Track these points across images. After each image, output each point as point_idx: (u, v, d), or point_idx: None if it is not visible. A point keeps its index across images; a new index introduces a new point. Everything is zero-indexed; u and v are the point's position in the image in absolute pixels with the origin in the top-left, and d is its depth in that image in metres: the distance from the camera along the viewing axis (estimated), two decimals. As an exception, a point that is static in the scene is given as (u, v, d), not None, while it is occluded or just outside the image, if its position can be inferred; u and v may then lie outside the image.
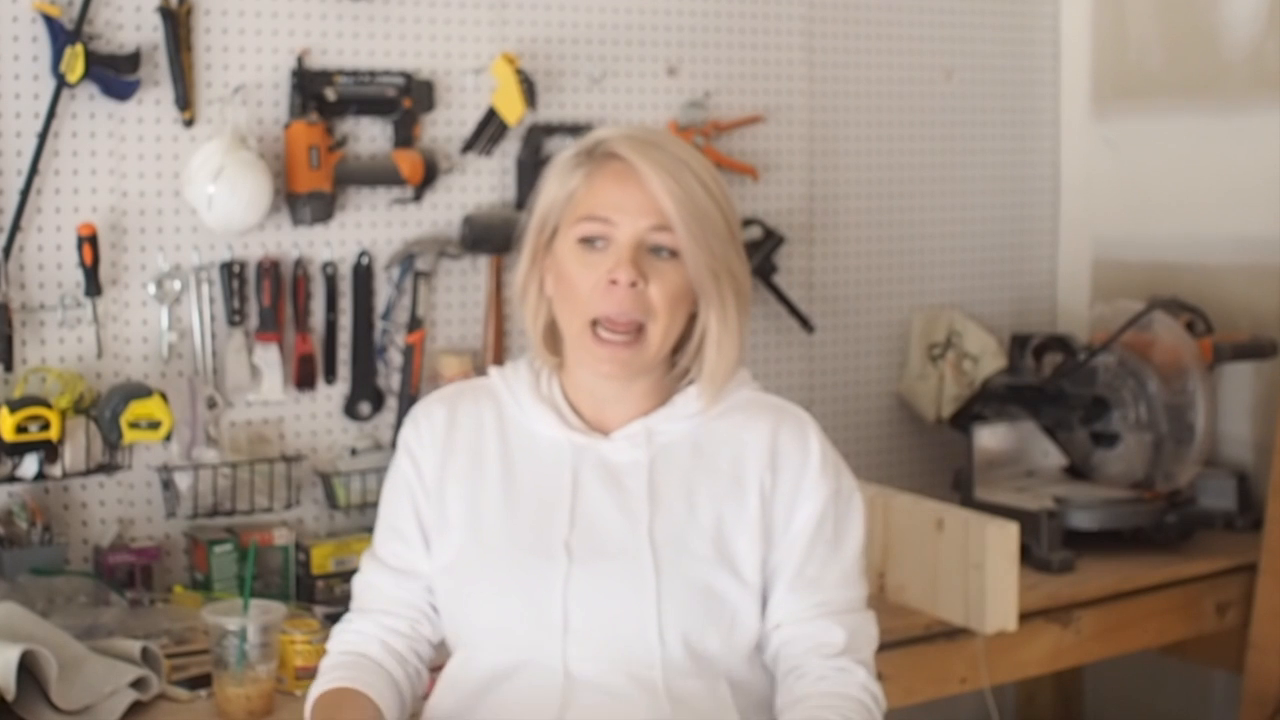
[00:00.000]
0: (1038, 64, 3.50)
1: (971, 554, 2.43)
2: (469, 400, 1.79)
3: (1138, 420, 2.98)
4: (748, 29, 3.09)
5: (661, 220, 1.65)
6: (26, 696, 1.96)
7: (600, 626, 1.65)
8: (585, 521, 1.68)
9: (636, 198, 1.65)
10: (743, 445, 1.71)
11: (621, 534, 1.67)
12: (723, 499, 1.70)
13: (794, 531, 1.70)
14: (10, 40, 2.38)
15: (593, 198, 1.67)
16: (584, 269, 1.66)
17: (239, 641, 2.01)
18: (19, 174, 2.39)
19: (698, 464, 1.71)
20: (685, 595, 1.66)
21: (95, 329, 2.45)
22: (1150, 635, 2.84)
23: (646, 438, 1.70)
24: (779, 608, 1.70)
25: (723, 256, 1.67)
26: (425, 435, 1.77)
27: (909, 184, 3.34)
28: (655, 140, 1.69)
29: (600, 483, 1.70)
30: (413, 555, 1.77)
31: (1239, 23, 3.16)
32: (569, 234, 1.69)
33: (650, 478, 1.69)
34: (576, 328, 1.67)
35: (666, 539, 1.67)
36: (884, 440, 3.31)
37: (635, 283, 1.63)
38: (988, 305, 3.45)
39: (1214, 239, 3.20)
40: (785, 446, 1.71)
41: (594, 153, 1.70)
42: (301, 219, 2.60)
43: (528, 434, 1.74)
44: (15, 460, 2.32)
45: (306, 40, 2.63)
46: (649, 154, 1.66)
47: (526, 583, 1.67)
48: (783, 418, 1.74)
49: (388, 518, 1.80)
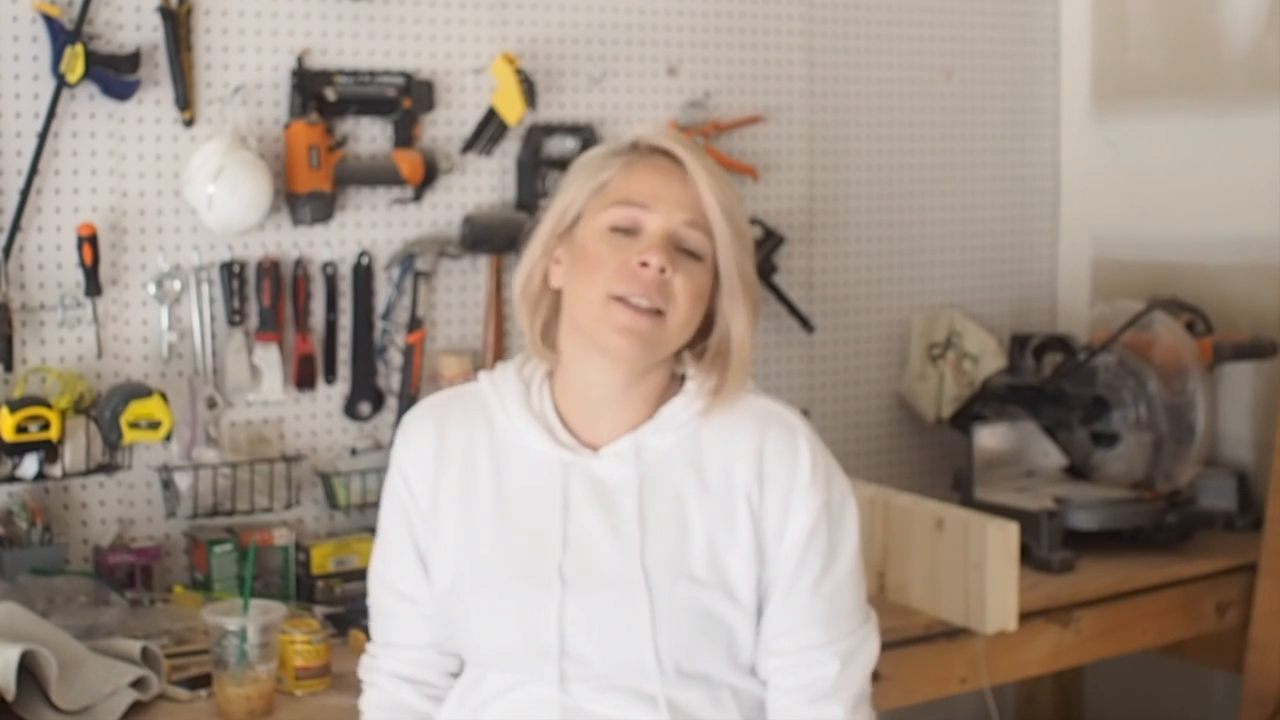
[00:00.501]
0: (1038, 64, 3.50)
1: (971, 554, 2.43)
2: (458, 412, 1.75)
3: (1138, 420, 2.98)
4: (748, 29, 3.09)
5: (698, 217, 1.64)
6: (26, 696, 1.96)
7: (597, 652, 1.64)
8: (577, 545, 1.66)
9: (678, 191, 1.65)
10: (730, 457, 1.68)
11: (614, 559, 1.65)
12: (714, 518, 1.67)
13: (786, 547, 1.67)
14: (10, 40, 2.38)
15: (629, 185, 1.66)
16: (612, 249, 1.63)
17: (239, 641, 2.01)
18: (19, 174, 2.39)
19: (687, 479, 1.68)
20: (681, 620, 1.64)
21: (95, 329, 2.45)
22: (1150, 635, 2.84)
23: (635, 454, 1.68)
24: (772, 624, 1.68)
25: (748, 264, 1.68)
26: (415, 453, 1.74)
27: (909, 184, 3.34)
28: (689, 145, 1.69)
29: (591, 503, 1.67)
30: (414, 578, 1.76)
31: (1239, 23, 3.16)
32: (597, 219, 1.66)
33: (640, 497, 1.67)
34: (593, 300, 1.63)
35: (658, 563, 1.64)
36: (884, 440, 3.31)
37: (664, 269, 1.62)
38: (988, 305, 3.45)
39: (1214, 239, 3.20)
40: (772, 458, 1.68)
41: (637, 146, 1.69)
42: (301, 219, 2.60)
43: (518, 448, 1.71)
44: (15, 460, 2.32)
45: (306, 40, 2.63)
46: (697, 154, 1.67)
47: (520, 609, 1.66)
48: (769, 425, 1.70)
49: (387, 535, 1.78)
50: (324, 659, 2.16)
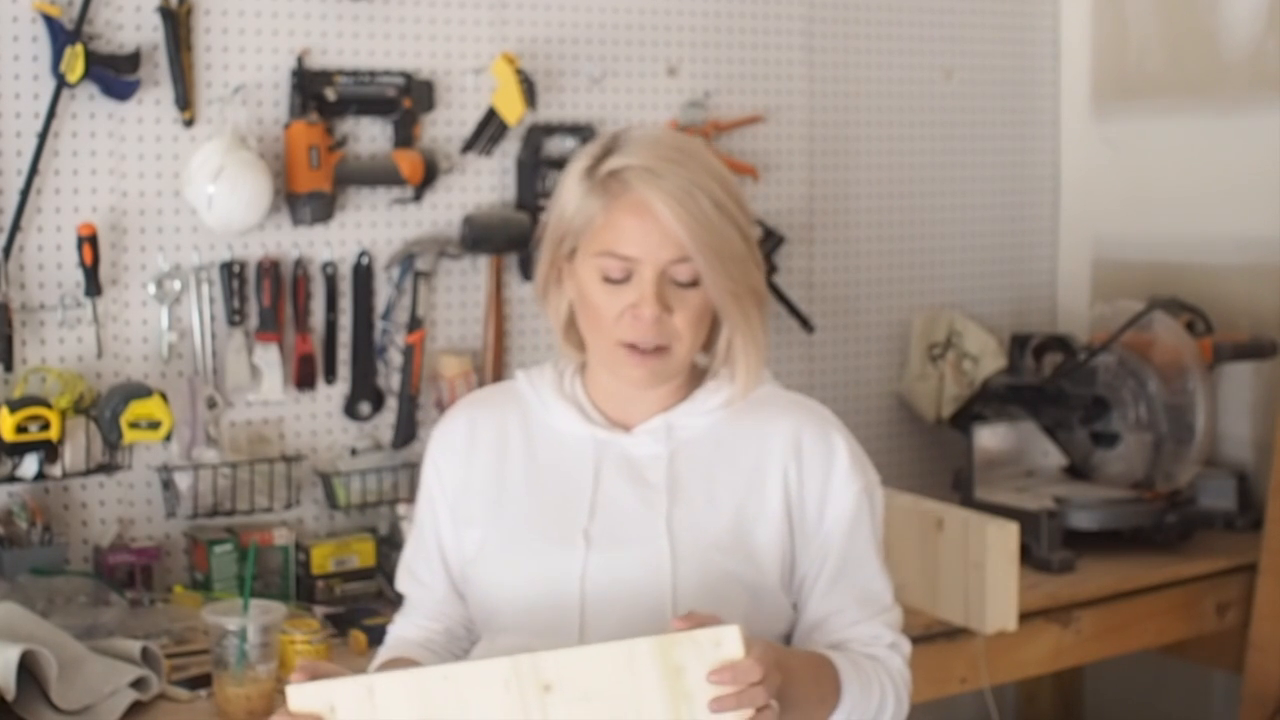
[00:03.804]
0: (1038, 64, 3.50)
1: (971, 554, 2.43)
2: (491, 404, 1.82)
3: (1138, 420, 2.98)
4: (748, 29, 3.09)
5: (681, 252, 1.65)
6: (26, 696, 1.96)
7: (617, 613, 1.66)
8: (605, 511, 1.70)
9: (654, 234, 1.64)
10: (765, 441, 1.73)
11: (640, 522, 1.69)
12: (743, 491, 1.71)
13: (827, 529, 1.72)
14: (10, 40, 2.38)
15: (611, 232, 1.66)
16: (608, 297, 1.67)
17: (239, 641, 2.01)
18: (19, 174, 2.39)
19: (718, 458, 1.73)
20: (701, 581, 1.67)
21: (95, 329, 2.45)
22: (1150, 635, 2.84)
23: (667, 432, 1.72)
24: (821, 605, 1.73)
25: (742, 276, 1.69)
26: (447, 445, 1.80)
27: (909, 184, 3.34)
28: (665, 162, 1.65)
29: (621, 475, 1.72)
30: (430, 567, 1.82)
31: (1239, 23, 3.16)
32: (590, 262, 1.68)
33: (670, 470, 1.71)
34: (603, 346, 1.69)
35: (684, 527, 1.68)
36: (884, 440, 3.31)
37: (659, 316, 1.65)
38: (988, 305, 3.45)
39: (1214, 239, 3.20)
40: (810, 444, 1.73)
41: (608, 182, 1.67)
42: (301, 219, 2.60)
43: (552, 430, 1.76)
44: (15, 460, 2.32)
45: (306, 40, 2.63)
46: (658, 184, 1.64)
47: (545, 569, 1.69)
48: (806, 415, 1.76)
49: (416, 525, 1.85)
50: (324, 659, 2.16)
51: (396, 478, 2.69)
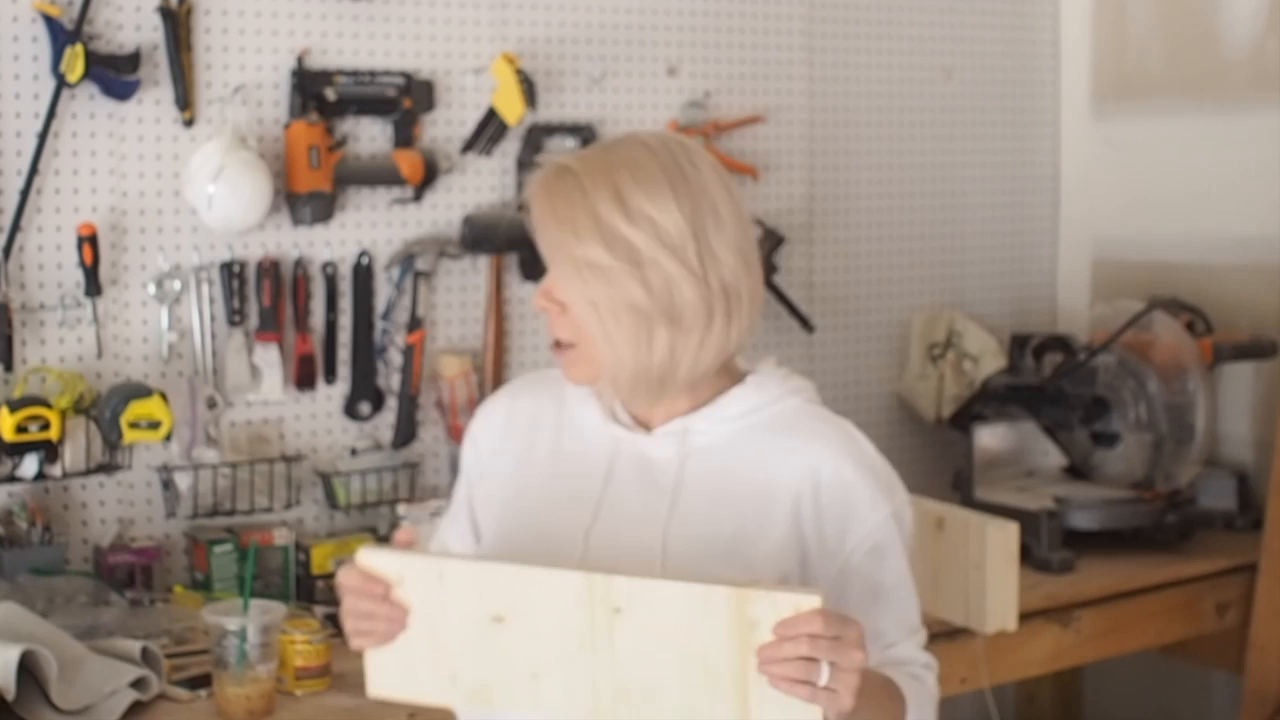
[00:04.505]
0: (1038, 64, 3.50)
1: (971, 554, 2.43)
2: (533, 387, 1.84)
3: (1138, 420, 2.98)
4: (748, 29, 3.09)
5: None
6: (26, 696, 1.96)
7: None
8: (608, 515, 1.70)
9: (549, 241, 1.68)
10: (779, 464, 1.69)
11: (638, 529, 1.68)
12: (748, 509, 1.68)
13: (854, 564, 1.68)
14: (10, 40, 2.38)
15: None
16: None
17: (239, 641, 2.01)
18: (19, 174, 2.39)
19: (729, 469, 1.69)
20: None
21: (95, 329, 2.45)
22: (1150, 635, 2.84)
23: (682, 436, 1.71)
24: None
25: (601, 287, 1.61)
26: (487, 423, 1.83)
27: (909, 184, 3.34)
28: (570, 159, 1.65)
29: (633, 477, 1.71)
30: (462, 542, 1.85)
31: (1239, 23, 3.16)
32: None
33: (678, 476, 1.70)
34: None
35: (679, 536, 1.67)
36: (884, 440, 3.25)
37: (545, 307, 1.67)
38: (988, 305, 3.45)
39: (1214, 239, 3.20)
40: (828, 481, 1.67)
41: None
42: (301, 219, 2.60)
43: (579, 424, 1.77)
44: (15, 460, 2.32)
45: (306, 40, 2.63)
46: (537, 178, 1.66)
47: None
48: (823, 449, 1.69)
49: (453, 503, 1.89)
50: (324, 659, 2.16)
51: (396, 478, 2.70)
